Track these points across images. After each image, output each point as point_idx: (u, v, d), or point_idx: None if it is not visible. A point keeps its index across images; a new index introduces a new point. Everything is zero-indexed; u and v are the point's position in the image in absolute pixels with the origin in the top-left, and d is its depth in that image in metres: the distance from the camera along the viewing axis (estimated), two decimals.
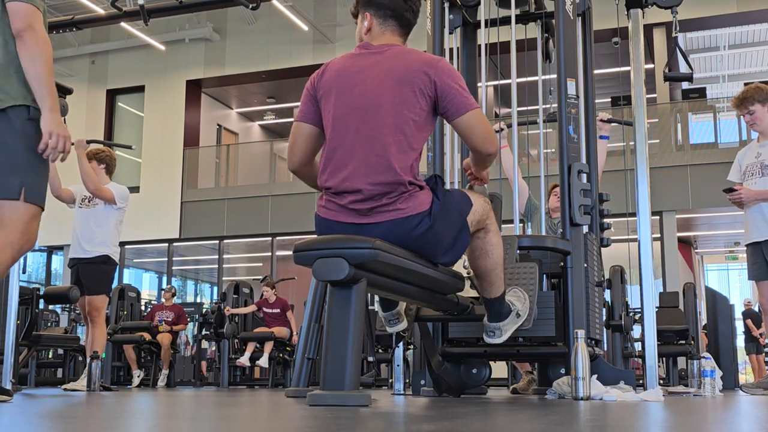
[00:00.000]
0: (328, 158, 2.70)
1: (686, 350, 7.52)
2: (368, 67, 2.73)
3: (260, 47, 16.29)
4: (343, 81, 2.73)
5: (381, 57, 2.74)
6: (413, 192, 2.66)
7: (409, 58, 2.72)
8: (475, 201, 2.86)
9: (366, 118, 2.65)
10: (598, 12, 4.60)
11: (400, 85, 2.66)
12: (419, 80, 2.66)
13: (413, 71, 2.67)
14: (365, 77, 2.71)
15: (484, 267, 2.97)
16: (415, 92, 2.66)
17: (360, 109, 2.67)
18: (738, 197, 4.83)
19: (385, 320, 3.26)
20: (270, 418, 2.18)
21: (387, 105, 2.65)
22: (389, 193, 2.62)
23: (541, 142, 5.04)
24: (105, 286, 5.69)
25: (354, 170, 2.63)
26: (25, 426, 1.77)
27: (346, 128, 2.67)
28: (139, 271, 19.59)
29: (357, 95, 2.69)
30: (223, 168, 17.22)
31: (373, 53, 2.76)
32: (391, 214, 2.63)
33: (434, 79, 2.66)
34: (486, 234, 2.93)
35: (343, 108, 2.70)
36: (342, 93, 2.71)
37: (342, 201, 2.66)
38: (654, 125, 13.75)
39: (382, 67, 2.71)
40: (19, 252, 2.73)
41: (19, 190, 2.70)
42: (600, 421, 2.01)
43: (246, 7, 7.33)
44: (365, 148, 2.63)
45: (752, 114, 4.89)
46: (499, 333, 3.15)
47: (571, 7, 4.17)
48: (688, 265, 15.79)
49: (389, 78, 2.68)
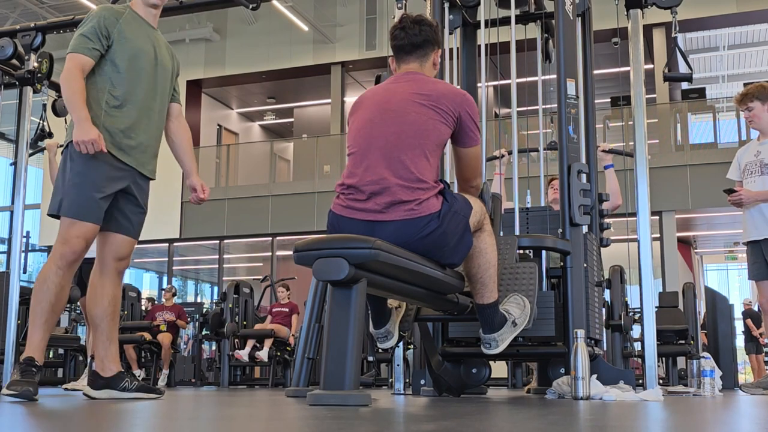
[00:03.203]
0: (351, 163, 2.85)
1: (686, 350, 7.52)
2: (396, 87, 2.93)
3: (260, 47, 16.29)
4: (371, 97, 2.97)
5: (407, 81, 2.94)
6: (429, 193, 2.74)
7: (437, 84, 2.94)
8: (473, 203, 2.92)
9: (392, 121, 2.81)
10: (597, 12, 4.60)
11: (428, 102, 2.83)
12: (445, 107, 2.84)
13: (442, 95, 2.86)
14: (394, 91, 2.91)
15: (477, 266, 2.98)
16: (439, 114, 2.83)
17: (387, 112, 2.84)
18: (738, 198, 4.84)
19: (376, 337, 3.27)
20: (270, 417, 2.18)
21: (413, 114, 2.81)
22: (409, 188, 2.72)
23: (541, 142, 5.04)
24: None
25: (376, 164, 2.76)
26: (25, 426, 1.77)
27: (371, 129, 2.83)
28: (139, 271, 19.59)
29: (383, 102, 2.88)
30: (223, 168, 17.22)
31: (397, 80, 2.98)
32: (405, 213, 2.70)
33: (459, 111, 2.87)
34: (481, 233, 2.97)
35: (370, 113, 2.88)
36: (370, 104, 2.92)
37: (360, 196, 2.75)
38: (654, 125, 13.75)
39: (412, 86, 2.90)
40: (61, 258, 3.16)
41: (57, 207, 3.20)
42: (600, 421, 2.02)
43: (246, 7, 7.32)
44: (390, 147, 2.77)
45: (751, 110, 4.93)
46: (495, 344, 3.12)
47: (571, 8, 4.17)
48: (688, 265, 15.80)
49: (417, 95, 2.85)
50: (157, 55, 3.40)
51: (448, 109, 2.84)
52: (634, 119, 4.23)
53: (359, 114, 2.94)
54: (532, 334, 3.67)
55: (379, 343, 3.28)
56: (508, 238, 3.74)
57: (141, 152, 3.36)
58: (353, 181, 2.79)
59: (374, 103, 2.92)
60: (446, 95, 2.87)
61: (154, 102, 3.41)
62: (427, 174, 2.77)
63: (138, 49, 3.32)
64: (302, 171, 16.38)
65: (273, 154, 17.30)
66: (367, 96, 3.00)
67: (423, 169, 2.76)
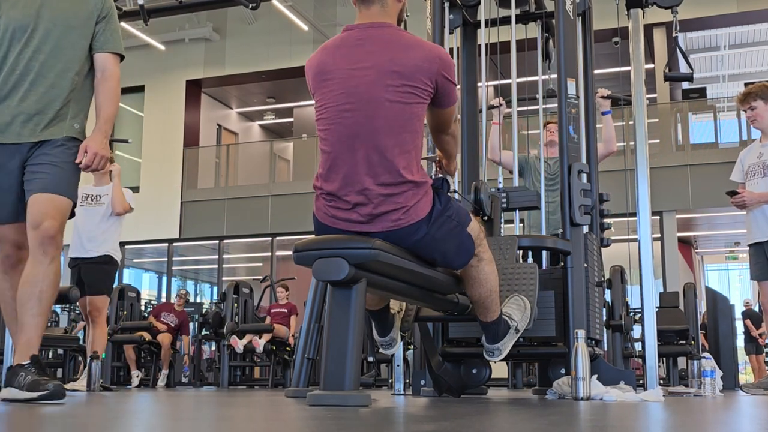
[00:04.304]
0: (327, 161, 2.63)
1: (686, 350, 7.51)
2: (362, 59, 2.59)
3: (260, 47, 16.29)
4: (336, 71, 2.62)
5: (372, 47, 2.60)
6: (418, 194, 2.59)
7: (409, 51, 2.59)
8: (472, 221, 2.83)
9: (364, 113, 2.56)
10: (598, 12, 4.59)
11: (401, 84, 2.56)
12: (421, 81, 2.57)
13: (416, 68, 2.57)
14: (361, 65, 2.58)
15: (478, 295, 2.95)
16: (416, 93, 2.58)
17: (359, 102, 2.57)
18: (741, 200, 4.84)
19: (381, 344, 3.26)
20: (270, 418, 2.18)
21: (387, 103, 2.55)
22: (393, 195, 2.55)
23: (541, 142, 5.04)
24: (107, 287, 5.70)
25: (355, 171, 2.56)
26: (26, 426, 1.77)
27: (343, 122, 2.59)
28: (139, 271, 19.59)
29: (352, 85, 2.58)
30: (223, 168, 17.22)
31: (361, 41, 2.63)
32: (392, 224, 2.57)
33: (436, 78, 2.60)
34: (479, 263, 2.87)
35: (338, 98, 2.60)
36: (338, 82, 2.61)
37: (343, 205, 2.60)
38: (654, 125, 13.74)
39: (380, 59, 2.57)
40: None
41: None
42: (600, 422, 2.01)
43: (246, 7, 7.32)
44: (368, 147, 2.55)
45: (753, 110, 4.93)
46: (498, 353, 3.13)
47: (572, 7, 4.17)
48: (689, 265, 15.79)
49: (389, 75, 2.55)
50: (42, 5, 2.98)
51: (424, 84, 2.58)
52: (635, 119, 4.22)
53: (327, 91, 2.63)
54: (532, 335, 3.67)
55: (383, 349, 3.29)
56: (508, 238, 3.73)
57: (25, 122, 2.93)
58: (333, 188, 2.60)
59: (342, 81, 2.60)
60: (420, 67, 2.56)
61: (35, 61, 2.95)
62: (412, 166, 2.57)
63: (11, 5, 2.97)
64: (302, 171, 16.37)
65: (273, 154, 17.30)
66: (331, 64, 2.65)
67: (407, 162, 2.55)
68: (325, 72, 2.65)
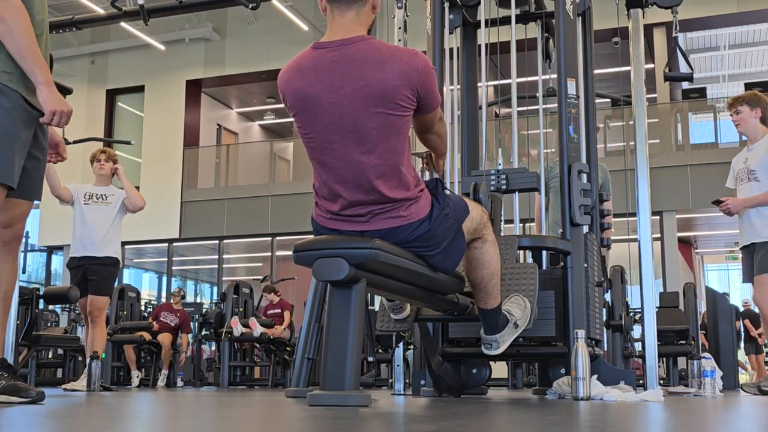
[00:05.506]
0: (319, 180, 2.64)
1: (686, 350, 7.52)
2: (340, 80, 2.49)
3: (260, 47, 16.28)
4: (318, 93, 2.53)
5: (349, 66, 2.50)
6: (414, 200, 2.61)
7: (386, 69, 2.48)
8: (472, 209, 2.83)
9: (351, 139, 2.52)
10: (598, 12, 4.59)
11: (384, 107, 2.49)
12: (403, 97, 2.50)
13: (396, 87, 2.48)
14: (340, 87, 2.50)
15: (480, 278, 2.96)
16: (399, 109, 2.51)
17: (344, 129, 2.52)
18: (726, 208, 4.90)
19: (389, 309, 3.31)
20: (270, 418, 2.18)
21: (370, 124, 2.49)
22: (391, 211, 2.58)
23: (542, 142, 5.04)
24: (111, 288, 5.72)
25: (353, 196, 2.56)
26: (25, 425, 1.77)
27: (332, 157, 2.56)
28: (139, 271, 19.59)
29: (335, 108, 2.51)
30: (223, 168, 17.22)
31: (336, 61, 2.52)
32: (392, 221, 2.59)
33: (417, 88, 2.51)
34: (483, 244, 2.89)
35: (324, 123, 2.54)
36: (321, 105, 2.54)
37: (340, 210, 2.62)
38: (654, 125, 13.74)
39: (357, 82, 2.48)
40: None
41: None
42: (600, 422, 2.01)
43: (246, 7, 7.33)
44: (360, 177, 2.53)
45: (738, 114, 4.97)
46: (496, 345, 3.12)
47: (572, 7, 4.17)
48: (689, 265, 15.79)
49: (370, 102, 2.48)
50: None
51: (406, 98, 2.50)
52: (635, 119, 4.22)
53: (311, 120, 2.56)
54: (532, 335, 3.67)
55: (393, 314, 3.32)
56: (508, 238, 3.73)
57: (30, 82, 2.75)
58: (335, 208, 2.61)
59: (325, 112, 2.52)
60: (400, 85, 2.47)
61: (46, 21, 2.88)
62: (407, 178, 2.58)
63: None
64: (302, 171, 16.37)
65: (273, 154, 17.30)
66: (309, 90, 2.54)
67: (400, 179, 2.56)
68: (306, 99, 2.55)
